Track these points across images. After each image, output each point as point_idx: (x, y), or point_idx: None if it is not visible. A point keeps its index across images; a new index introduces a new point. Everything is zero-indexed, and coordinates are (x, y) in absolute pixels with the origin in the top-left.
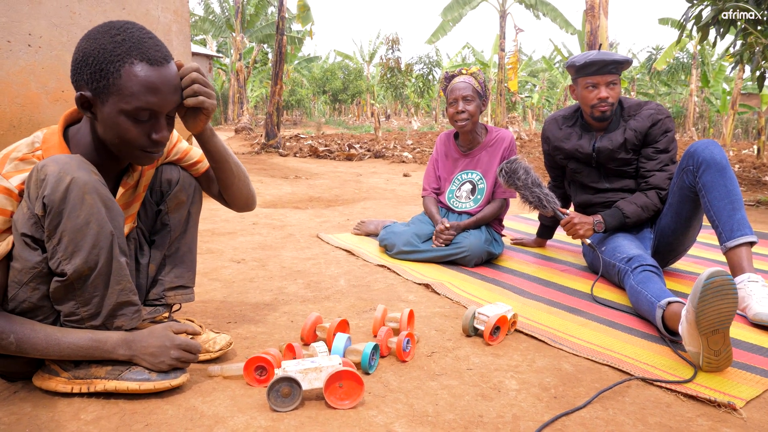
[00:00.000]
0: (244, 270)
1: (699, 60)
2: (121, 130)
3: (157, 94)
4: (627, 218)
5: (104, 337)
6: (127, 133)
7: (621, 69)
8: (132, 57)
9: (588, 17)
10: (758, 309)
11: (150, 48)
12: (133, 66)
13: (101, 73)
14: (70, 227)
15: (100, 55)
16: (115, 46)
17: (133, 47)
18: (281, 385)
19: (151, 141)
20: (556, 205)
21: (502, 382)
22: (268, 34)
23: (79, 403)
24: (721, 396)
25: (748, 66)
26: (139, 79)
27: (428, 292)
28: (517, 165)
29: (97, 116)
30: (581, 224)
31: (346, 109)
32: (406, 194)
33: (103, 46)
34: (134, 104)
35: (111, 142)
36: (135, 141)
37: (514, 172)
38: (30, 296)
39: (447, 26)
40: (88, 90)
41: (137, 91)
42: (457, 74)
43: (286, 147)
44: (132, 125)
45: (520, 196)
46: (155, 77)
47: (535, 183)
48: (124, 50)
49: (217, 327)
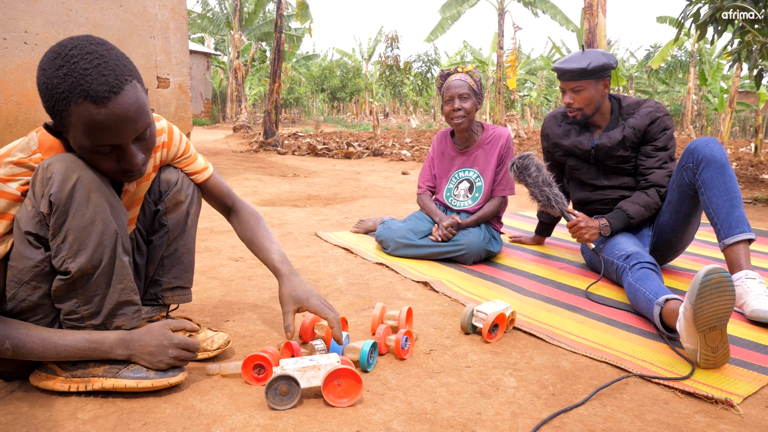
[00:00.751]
0: (243, 268)
1: (697, 58)
2: (89, 160)
3: (109, 132)
4: (631, 219)
5: (101, 338)
6: (97, 165)
7: (587, 74)
8: (75, 96)
9: (586, 15)
10: (755, 306)
11: (93, 82)
12: (78, 106)
13: (53, 110)
14: (75, 225)
15: (48, 91)
16: (59, 82)
17: (75, 84)
18: (279, 384)
19: (123, 169)
20: (564, 206)
21: (501, 380)
22: (267, 32)
23: (76, 402)
24: (719, 392)
25: (746, 64)
26: (86, 120)
27: (427, 289)
28: (529, 161)
29: (69, 142)
30: (587, 228)
31: (344, 107)
32: (404, 192)
33: (50, 81)
34: (91, 141)
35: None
36: (108, 171)
37: (526, 168)
38: (30, 295)
39: (446, 24)
40: (52, 120)
41: (88, 131)
42: (452, 72)
43: (285, 145)
44: (98, 158)
45: (528, 193)
46: (102, 116)
47: (546, 182)
48: (66, 88)
49: (215, 325)
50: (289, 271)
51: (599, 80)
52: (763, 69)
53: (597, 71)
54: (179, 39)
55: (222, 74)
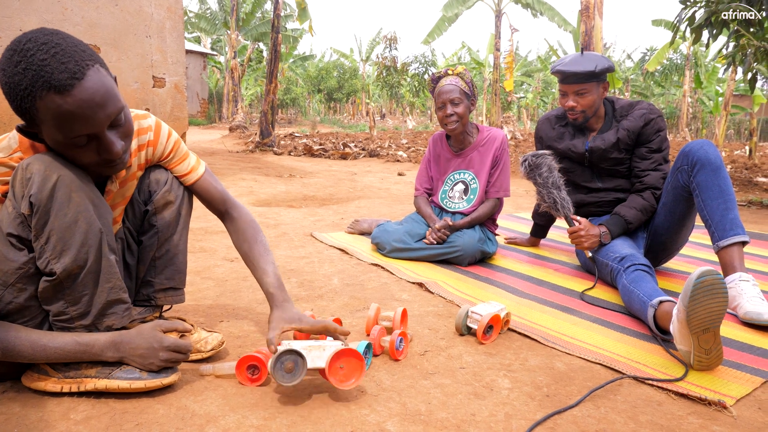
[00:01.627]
0: (237, 269)
1: (692, 61)
2: (69, 156)
3: (79, 121)
4: (629, 224)
5: (91, 340)
6: (77, 159)
7: (593, 77)
8: (38, 89)
9: (583, 17)
10: (748, 308)
11: (54, 71)
12: (43, 100)
13: (20, 110)
14: (58, 226)
15: (12, 91)
16: (21, 79)
17: (36, 77)
18: (286, 359)
19: (104, 159)
20: (569, 212)
21: (495, 381)
22: (263, 32)
23: (68, 403)
24: (712, 394)
25: (741, 67)
26: (54, 113)
27: (422, 291)
28: (542, 160)
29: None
30: (588, 237)
31: (341, 107)
32: (400, 193)
33: (11, 80)
34: (64, 135)
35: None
36: (88, 163)
37: (538, 167)
38: (16, 297)
39: (443, 26)
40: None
41: (59, 123)
42: (443, 75)
43: (281, 145)
44: (76, 151)
45: (536, 192)
46: (69, 105)
47: (555, 184)
48: (28, 83)
49: (209, 326)
50: (283, 298)
51: (600, 83)
52: (757, 72)
53: (602, 74)
54: (175, 38)
55: (218, 74)
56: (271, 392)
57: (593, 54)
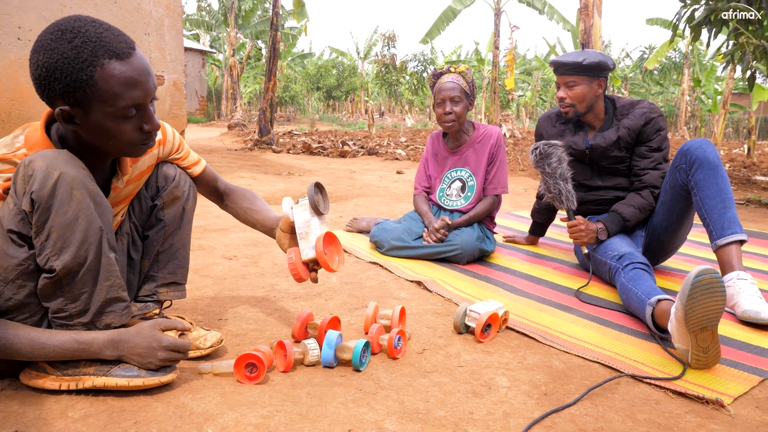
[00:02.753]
0: (236, 267)
1: (691, 60)
2: (114, 132)
3: (138, 87)
4: (627, 222)
5: (90, 338)
6: (120, 135)
7: (582, 70)
8: (100, 58)
9: (582, 16)
10: (746, 306)
11: (113, 42)
12: (104, 68)
13: (75, 84)
14: (58, 223)
15: (65, 66)
16: (80, 52)
17: (97, 47)
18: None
19: (144, 133)
20: (572, 205)
21: (493, 379)
22: (263, 29)
23: (67, 401)
24: (710, 393)
25: (740, 66)
26: (117, 78)
27: (420, 289)
28: (553, 150)
29: (83, 125)
30: (587, 232)
31: (339, 105)
32: (399, 191)
33: (65, 56)
34: (120, 105)
35: (101, 144)
36: (129, 139)
37: (548, 156)
38: (16, 294)
39: (441, 25)
40: (65, 104)
41: (119, 91)
42: (445, 72)
43: (280, 143)
44: (123, 125)
45: (542, 182)
46: (130, 71)
47: (563, 176)
48: (89, 54)
49: (207, 324)
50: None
51: (594, 79)
52: (756, 71)
53: (592, 68)
54: (174, 36)
55: (217, 72)
56: (270, 390)
57: (593, 51)
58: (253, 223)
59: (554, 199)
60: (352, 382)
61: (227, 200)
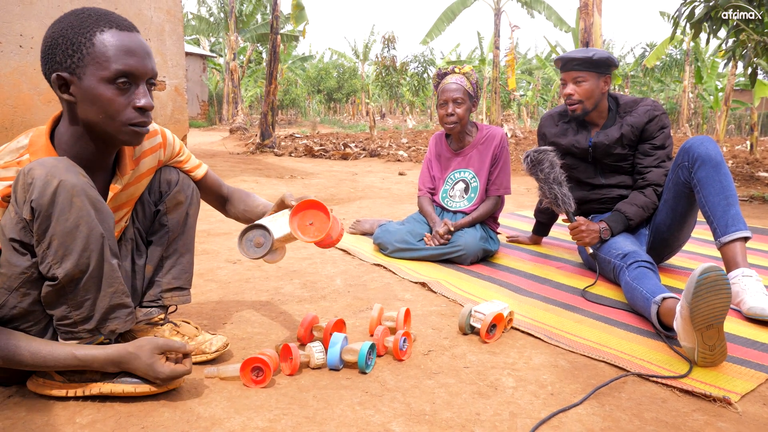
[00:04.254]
0: (240, 270)
1: (693, 56)
2: (104, 102)
3: (133, 56)
4: (630, 220)
5: (91, 357)
6: (110, 105)
7: (591, 66)
8: (101, 25)
9: (582, 15)
10: (752, 303)
11: (116, 17)
12: (103, 33)
13: (74, 47)
14: (59, 231)
15: (68, 32)
16: (82, 21)
17: (100, 18)
18: (254, 234)
19: (136, 111)
20: (570, 208)
21: (499, 380)
22: (263, 33)
23: (74, 407)
24: (717, 390)
25: (741, 62)
26: (113, 42)
27: (424, 290)
28: (544, 156)
29: (77, 96)
30: (588, 232)
31: (341, 108)
32: (401, 193)
33: (70, 24)
34: (113, 68)
35: (95, 120)
36: (120, 113)
37: (540, 162)
38: (20, 302)
39: (441, 26)
40: (63, 70)
41: (113, 55)
42: (449, 72)
43: (281, 146)
44: (114, 94)
45: (538, 188)
46: (128, 40)
47: (557, 180)
48: (92, 22)
49: (213, 328)
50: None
51: (601, 75)
52: (757, 67)
53: (601, 63)
54: (175, 41)
55: (218, 76)
56: (276, 394)
57: (597, 49)
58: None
59: (552, 204)
60: (358, 385)
61: (228, 205)
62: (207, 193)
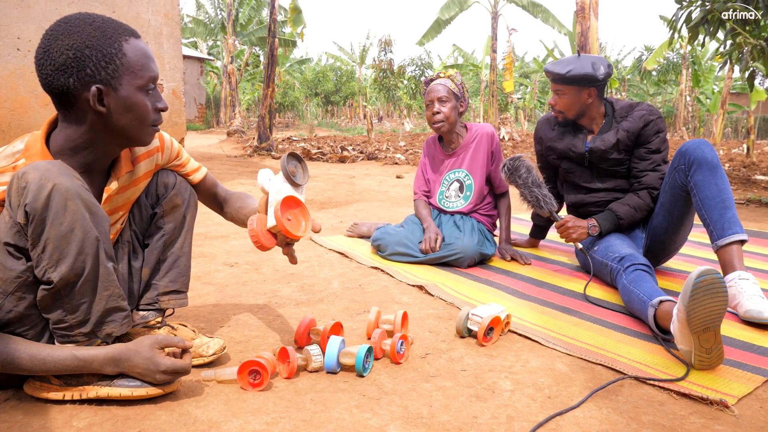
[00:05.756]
0: (238, 273)
1: (690, 60)
2: (140, 108)
3: (153, 62)
4: (621, 220)
5: (90, 356)
6: (144, 110)
7: (566, 81)
8: (124, 35)
9: (578, 18)
10: (749, 306)
11: (127, 26)
12: (128, 42)
13: (106, 59)
14: (54, 234)
15: (94, 43)
16: (103, 31)
17: (117, 27)
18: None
19: (157, 113)
20: (553, 207)
21: (497, 383)
22: (261, 37)
23: (71, 410)
24: (714, 393)
25: (738, 66)
26: (140, 51)
27: (422, 293)
28: (519, 163)
29: (111, 106)
30: (575, 228)
31: (338, 111)
32: (399, 196)
33: (91, 35)
34: (146, 76)
35: (126, 127)
36: (148, 116)
37: (516, 169)
38: (16, 306)
39: (438, 28)
40: (98, 82)
41: (144, 63)
42: (435, 78)
43: (279, 149)
44: (145, 100)
45: (519, 194)
46: (145, 47)
47: (536, 183)
48: (113, 32)
49: (210, 331)
50: None
51: (582, 89)
52: (754, 70)
53: (576, 80)
54: (172, 44)
55: (216, 79)
56: (274, 397)
57: (587, 57)
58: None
59: (535, 206)
60: (355, 388)
61: (226, 207)
62: (205, 195)
